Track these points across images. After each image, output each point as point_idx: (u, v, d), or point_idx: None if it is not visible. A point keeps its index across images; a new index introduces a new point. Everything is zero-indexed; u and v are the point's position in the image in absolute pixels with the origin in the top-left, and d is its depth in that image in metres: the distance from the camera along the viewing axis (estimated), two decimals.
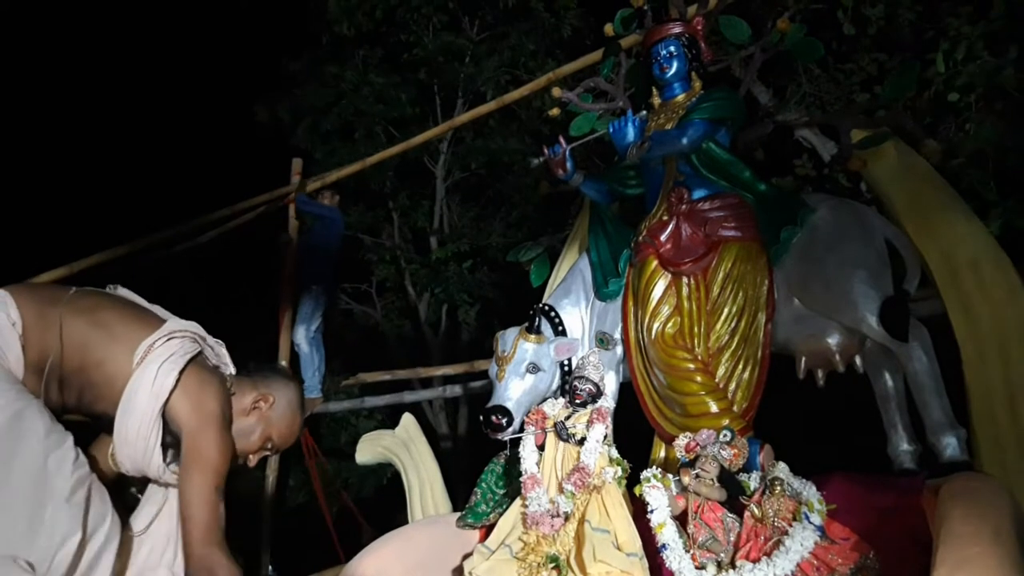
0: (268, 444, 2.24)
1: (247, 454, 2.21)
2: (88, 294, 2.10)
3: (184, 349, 2.05)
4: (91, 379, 2.01)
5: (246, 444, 2.18)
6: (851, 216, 2.83)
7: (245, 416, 2.18)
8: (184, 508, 1.96)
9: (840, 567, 2.07)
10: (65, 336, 1.96)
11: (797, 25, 3.38)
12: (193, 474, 1.97)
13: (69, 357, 1.98)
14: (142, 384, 1.98)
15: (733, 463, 2.33)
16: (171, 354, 2.02)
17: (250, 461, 2.25)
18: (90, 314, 2.02)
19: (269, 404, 2.21)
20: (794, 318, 2.80)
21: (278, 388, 2.25)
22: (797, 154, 5.32)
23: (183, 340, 2.08)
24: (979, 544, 1.81)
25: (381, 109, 8.75)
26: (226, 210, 5.89)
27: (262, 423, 2.20)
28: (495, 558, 2.38)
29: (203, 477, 1.96)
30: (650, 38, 3.23)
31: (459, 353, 8.08)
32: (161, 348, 2.02)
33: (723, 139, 3.05)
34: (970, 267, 2.72)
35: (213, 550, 1.92)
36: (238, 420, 2.16)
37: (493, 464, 2.86)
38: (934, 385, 2.50)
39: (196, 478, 1.96)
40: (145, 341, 2.01)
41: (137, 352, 2.00)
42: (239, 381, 2.22)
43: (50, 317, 1.96)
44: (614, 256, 3.19)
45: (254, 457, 2.24)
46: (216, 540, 1.94)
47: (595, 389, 2.58)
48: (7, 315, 1.94)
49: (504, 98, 5.29)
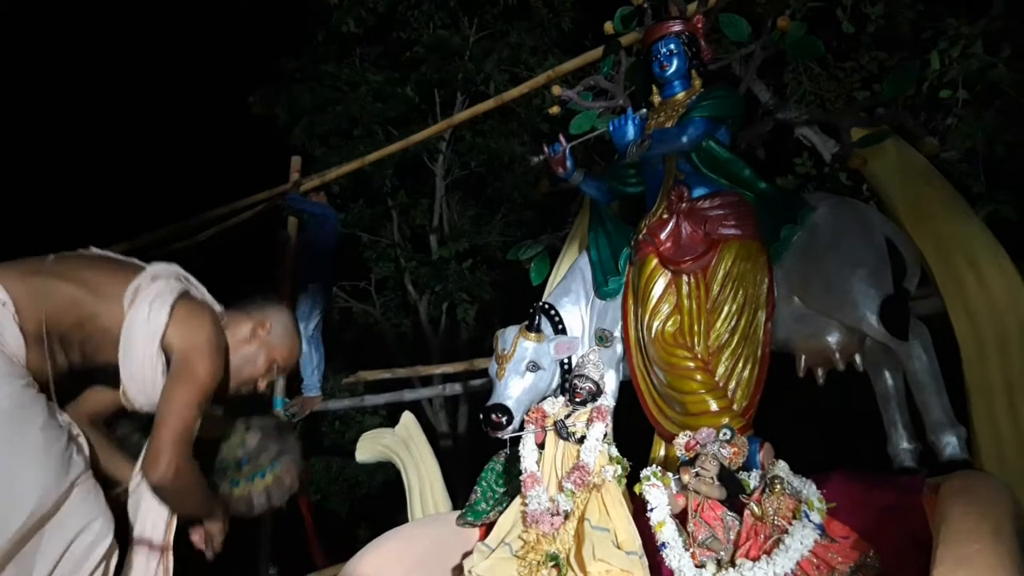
0: (273, 367, 2.34)
1: (256, 379, 2.32)
2: (66, 257, 2.15)
3: (170, 287, 2.12)
4: (88, 334, 2.06)
5: (253, 369, 2.29)
6: (851, 214, 2.83)
7: (247, 344, 2.27)
8: (160, 414, 2.02)
9: (840, 565, 2.07)
10: (55, 300, 2.01)
11: (797, 23, 3.37)
12: (177, 385, 2.03)
13: (63, 319, 2.02)
14: (137, 325, 2.04)
15: (733, 461, 2.33)
16: (159, 292, 2.09)
17: (260, 385, 2.35)
18: (73, 274, 2.07)
19: (267, 329, 2.29)
20: (794, 316, 2.80)
21: (272, 313, 2.34)
22: (797, 152, 5.32)
23: (168, 280, 2.14)
24: (979, 542, 1.81)
25: (379, 108, 8.74)
26: (225, 208, 5.89)
27: (264, 348, 2.29)
28: (495, 556, 2.38)
29: (186, 389, 2.03)
30: (650, 36, 3.23)
31: (459, 351, 8.09)
32: (148, 289, 2.08)
33: (723, 137, 3.05)
34: (970, 265, 2.71)
35: (177, 449, 1.99)
36: (240, 349, 2.25)
37: (493, 462, 2.86)
38: (934, 384, 2.51)
39: (179, 389, 2.03)
40: (131, 286, 2.08)
41: (126, 297, 2.06)
42: (232, 314, 2.30)
43: (36, 286, 2.01)
44: (614, 254, 3.18)
45: (263, 381, 2.34)
46: (182, 445, 2.01)
47: (595, 387, 2.58)
48: (8, 306, 1.96)
49: (504, 96, 5.29)
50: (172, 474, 2.00)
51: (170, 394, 2.03)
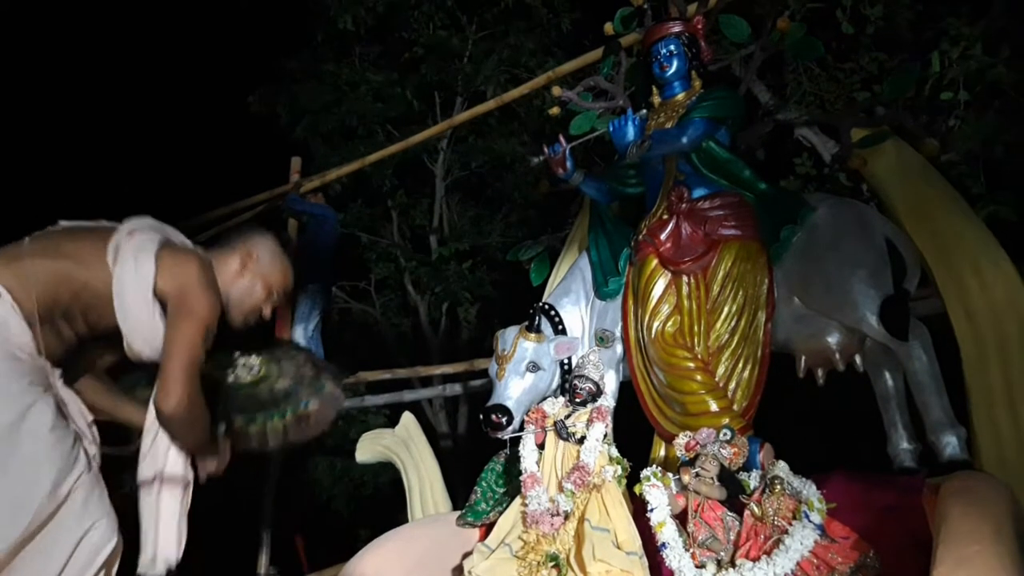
0: (272, 293, 2.39)
1: (259, 308, 2.37)
2: (40, 237, 2.18)
3: (150, 238, 2.16)
4: (86, 303, 2.09)
5: (253, 299, 2.34)
6: (851, 215, 2.83)
7: (239, 277, 2.32)
8: (166, 351, 2.07)
9: (840, 566, 2.07)
10: (44, 280, 2.04)
11: (797, 24, 3.38)
12: (178, 322, 2.08)
13: (59, 296, 2.06)
14: (127, 280, 2.09)
15: (733, 462, 2.33)
16: (140, 245, 2.13)
17: (265, 313, 2.39)
18: (54, 250, 2.11)
19: (255, 259, 2.34)
20: (794, 317, 2.80)
21: (256, 242, 2.37)
22: (797, 153, 5.32)
23: (145, 231, 2.18)
24: (979, 542, 1.81)
25: (380, 108, 8.73)
26: (225, 208, 5.89)
27: (258, 277, 2.34)
28: (495, 557, 2.38)
29: (188, 324, 2.08)
30: (650, 37, 3.23)
31: (459, 352, 8.08)
32: (128, 244, 2.12)
33: (723, 138, 3.05)
34: (970, 266, 2.72)
35: (186, 380, 2.05)
36: (236, 283, 2.30)
37: (493, 463, 2.86)
38: (934, 384, 2.51)
39: (181, 325, 2.08)
40: (111, 245, 2.11)
41: (108, 257, 2.10)
42: (217, 253, 2.33)
43: (23, 270, 2.04)
44: (614, 255, 3.19)
45: (266, 308, 2.39)
46: (191, 377, 2.06)
47: (595, 388, 2.58)
48: (4, 298, 1.98)
49: (504, 97, 5.29)
50: (185, 404, 2.05)
51: (173, 332, 2.08)
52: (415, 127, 8.04)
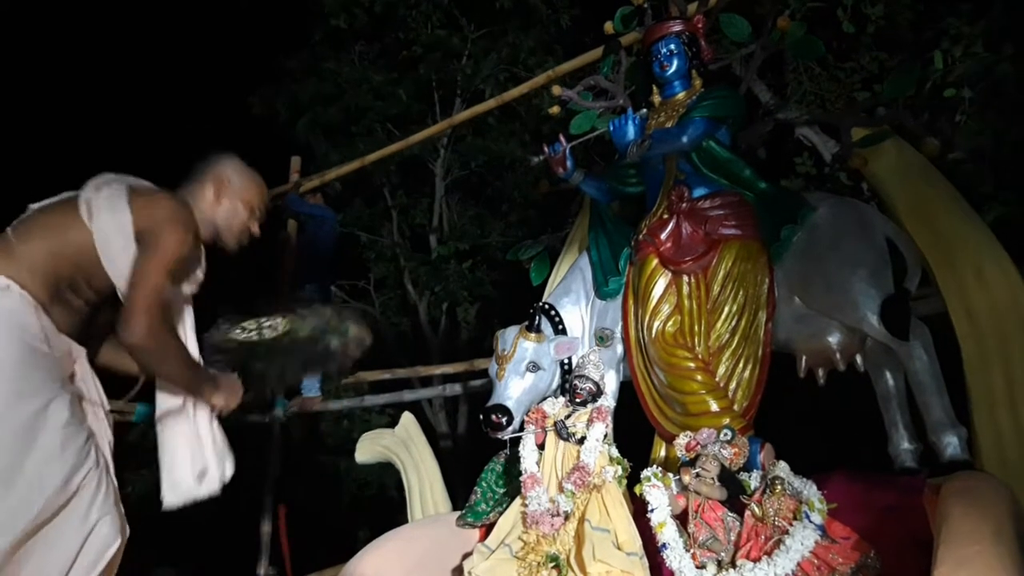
0: (254, 209, 2.46)
1: (246, 227, 2.45)
2: (19, 224, 2.24)
3: (118, 188, 2.22)
4: (84, 269, 2.16)
5: (238, 221, 2.42)
6: (852, 215, 2.83)
7: (218, 204, 2.39)
8: (130, 282, 2.13)
9: (841, 566, 2.07)
10: (41, 260, 2.11)
11: (797, 23, 3.38)
12: (144, 255, 2.14)
13: (58, 270, 2.13)
14: (108, 232, 2.14)
15: (734, 462, 2.33)
16: (110, 196, 2.19)
17: (253, 230, 2.49)
18: (39, 230, 2.17)
19: (227, 182, 2.41)
20: (795, 317, 2.79)
21: (223, 166, 2.43)
22: (798, 152, 5.32)
23: (112, 184, 2.23)
24: (980, 543, 1.80)
25: (380, 105, 8.72)
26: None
27: (235, 198, 2.41)
28: (495, 557, 2.37)
29: (152, 255, 2.13)
30: (650, 36, 3.23)
31: (459, 352, 8.08)
32: (99, 199, 2.18)
33: (723, 137, 3.05)
34: (971, 266, 2.71)
35: (148, 310, 2.09)
36: (217, 210, 2.38)
37: (493, 463, 2.85)
38: (935, 384, 2.50)
39: (146, 257, 2.13)
40: (82, 206, 2.17)
41: (84, 217, 2.15)
42: (188, 189, 2.39)
43: (20, 258, 2.11)
44: (614, 255, 3.18)
45: (253, 225, 2.48)
46: (153, 307, 2.11)
47: (595, 388, 2.58)
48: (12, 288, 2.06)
49: (504, 96, 5.28)
50: (146, 333, 2.08)
51: (139, 264, 2.13)
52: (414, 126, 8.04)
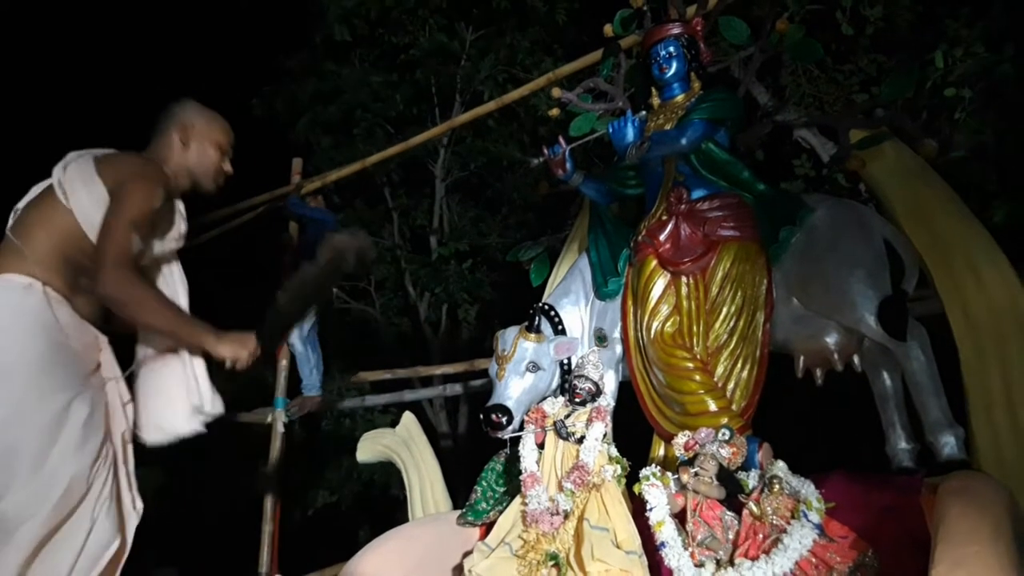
0: (223, 148, 2.53)
1: (218, 167, 2.53)
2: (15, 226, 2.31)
3: (84, 161, 2.28)
4: (82, 251, 2.23)
5: (209, 162, 2.50)
6: (850, 216, 2.84)
7: (186, 149, 2.46)
8: (100, 235, 2.18)
9: (839, 565, 2.07)
10: (49, 252, 2.20)
11: (796, 26, 3.38)
12: (112, 210, 2.20)
13: (66, 256, 2.21)
14: (86, 204, 2.21)
15: (732, 461, 2.34)
16: (79, 170, 2.25)
17: (226, 169, 2.56)
18: (34, 227, 2.24)
19: (191, 127, 2.46)
20: (793, 317, 2.81)
21: (184, 112, 2.48)
22: (796, 154, 5.33)
23: (77, 159, 2.30)
24: (977, 542, 1.82)
25: (380, 107, 8.73)
26: (226, 209, 5.89)
27: (202, 140, 2.48)
28: (495, 556, 2.39)
29: (118, 209, 2.19)
30: (649, 39, 3.24)
31: (459, 352, 8.09)
32: (68, 176, 2.25)
33: (722, 139, 3.06)
34: (968, 267, 2.72)
35: (116, 261, 2.15)
36: (187, 155, 2.45)
37: (493, 462, 2.87)
38: (932, 384, 2.51)
39: (113, 211, 2.19)
40: (55, 189, 2.23)
41: (62, 200, 2.22)
42: (155, 144, 2.45)
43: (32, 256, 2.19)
44: (613, 256, 3.20)
45: (226, 164, 2.56)
46: (121, 258, 2.16)
47: (594, 388, 2.59)
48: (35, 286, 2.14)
49: (503, 98, 5.29)
50: (115, 283, 2.14)
51: (106, 219, 2.19)
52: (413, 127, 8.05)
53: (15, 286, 2.12)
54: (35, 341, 2.08)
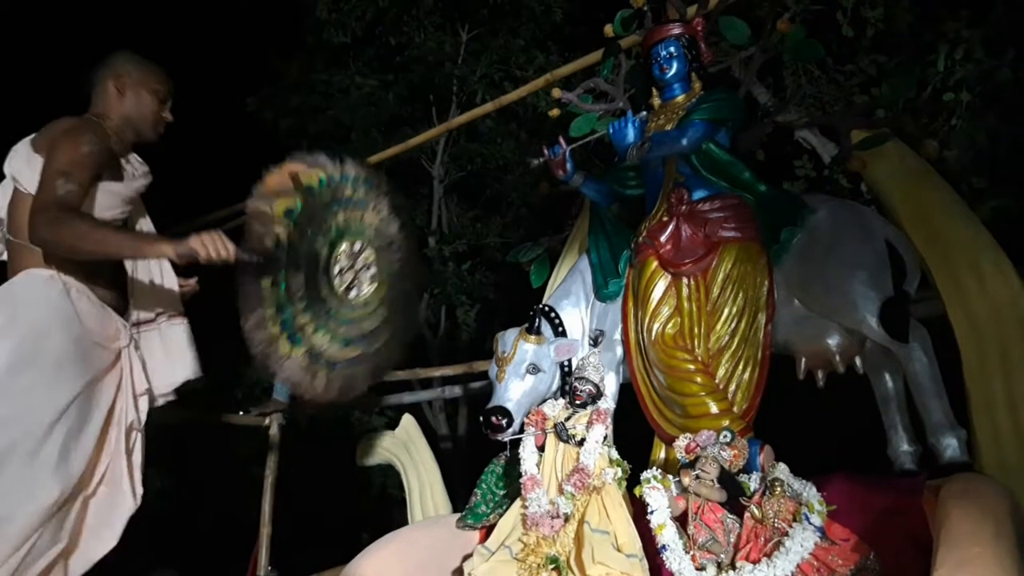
0: (160, 95, 2.55)
1: (157, 115, 2.55)
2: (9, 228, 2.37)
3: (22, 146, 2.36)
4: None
5: (147, 109, 2.54)
6: (851, 217, 2.83)
7: (123, 96, 2.49)
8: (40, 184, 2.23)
9: (840, 568, 2.07)
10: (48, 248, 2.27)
11: (797, 26, 3.38)
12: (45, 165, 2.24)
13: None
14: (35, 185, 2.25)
15: (733, 464, 2.33)
16: (20, 155, 2.33)
17: (166, 116, 2.60)
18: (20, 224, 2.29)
19: (125, 75, 2.49)
20: (794, 319, 2.80)
21: (117, 62, 2.51)
22: (797, 155, 5.32)
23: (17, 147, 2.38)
24: (979, 545, 1.81)
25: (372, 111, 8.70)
26: (225, 211, 5.88)
27: (138, 88, 2.50)
28: (495, 559, 2.38)
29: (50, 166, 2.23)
30: (650, 39, 3.24)
31: (458, 354, 8.08)
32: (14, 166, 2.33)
33: (723, 140, 3.05)
34: (970, 268, 2.72)
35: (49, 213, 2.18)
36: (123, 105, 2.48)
37: (493, 465, 2.86)
38: (934, 386, 2.50)
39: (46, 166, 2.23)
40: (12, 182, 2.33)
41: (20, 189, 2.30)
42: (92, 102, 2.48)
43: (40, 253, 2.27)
44: (614, 257, 3.19)
45: (165, 112, 2.59)
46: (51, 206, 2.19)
47: (595, 390, 2.58)
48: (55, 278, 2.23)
49: (501, 99, 5.28)
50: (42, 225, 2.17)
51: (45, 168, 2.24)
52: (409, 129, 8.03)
53: (37, 279, 2.19)
54: (53, 336, 2.13)
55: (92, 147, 2.28)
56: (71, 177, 2.22)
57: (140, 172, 2.51)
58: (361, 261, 2.48)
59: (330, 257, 2.48)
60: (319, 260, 2.44)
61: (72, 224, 2.19)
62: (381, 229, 2.47)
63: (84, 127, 2.33)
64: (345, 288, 2.44)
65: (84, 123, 2.35)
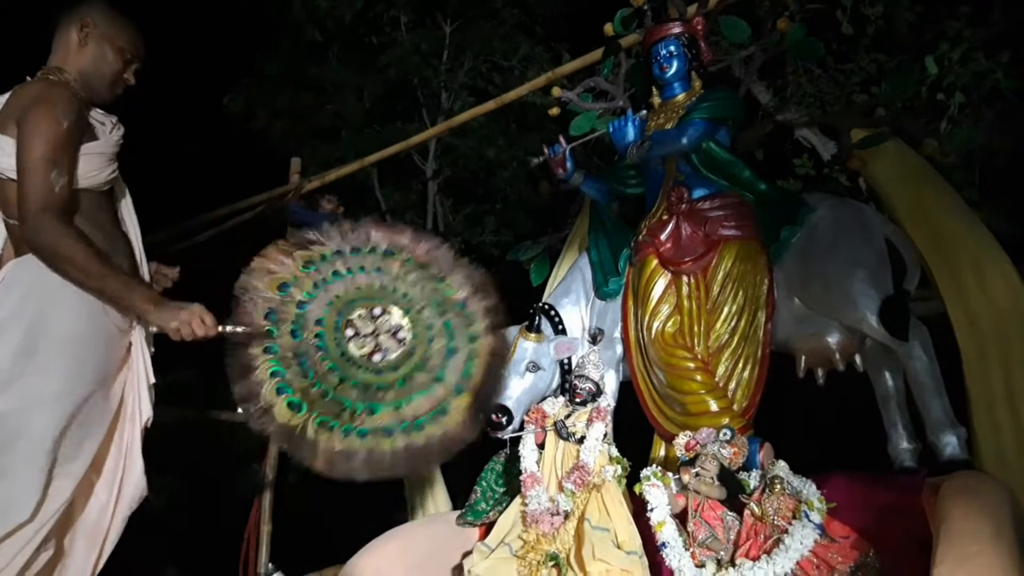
0: (127, 55, 2.33)
1: (118, 74, 2.32)
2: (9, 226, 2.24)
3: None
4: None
5: (108, 68, 2.28)
6: (851, 215, 2.84)
7: (83, 48, 2.24)
8: (20, 177, 2.07)
9: (840, 565, 2.07)
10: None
11: (797, 25, 3.38)
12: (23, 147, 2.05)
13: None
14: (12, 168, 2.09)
15: (733, 461, 2.34)
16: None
17: (129, 79, 2.36)
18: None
19: (92, 24, 2.26)
20: (794, 317, 2.80)
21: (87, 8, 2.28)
22: (797, 153, 5.32)
23: None
24: (979, 542, 1.81)
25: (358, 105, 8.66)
26: (224, 209, 5.88)
27: (103, 41, 2.27)
28: (495, 556, 2.38)
29: (32, 144, 2.04)
30: (650, 38, 3.24)
31: None
32: None
33: (723, 139, 3.05)
34: (970, 266, 2.71)
35: (51, 216, 2.04)
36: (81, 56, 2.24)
37: (493, 462, 2.86)
38: (934, 384, 2.51)
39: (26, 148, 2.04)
40: None
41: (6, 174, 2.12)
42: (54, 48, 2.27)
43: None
44: (614, 255, 3.19)
45: (128, 74, 2.35)
46: (53, 205, 2.05)
47: (595, 388, 2.58)
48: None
49: (503, 97, 5.28)
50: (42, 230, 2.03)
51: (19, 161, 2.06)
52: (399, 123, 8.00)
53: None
54: (79, 321, 2.05)
55: (70, 118, 2.08)
56: (60, 166, 2.05)
57: (111, 124, 2.30)
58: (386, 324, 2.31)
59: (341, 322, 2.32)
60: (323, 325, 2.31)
61: (69, 242, 2.06)
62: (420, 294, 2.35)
63: (54, 94, 2.09)
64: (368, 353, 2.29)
65: (52, 88, 2.11)
